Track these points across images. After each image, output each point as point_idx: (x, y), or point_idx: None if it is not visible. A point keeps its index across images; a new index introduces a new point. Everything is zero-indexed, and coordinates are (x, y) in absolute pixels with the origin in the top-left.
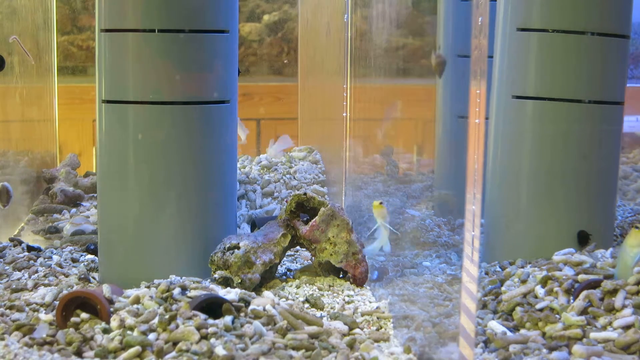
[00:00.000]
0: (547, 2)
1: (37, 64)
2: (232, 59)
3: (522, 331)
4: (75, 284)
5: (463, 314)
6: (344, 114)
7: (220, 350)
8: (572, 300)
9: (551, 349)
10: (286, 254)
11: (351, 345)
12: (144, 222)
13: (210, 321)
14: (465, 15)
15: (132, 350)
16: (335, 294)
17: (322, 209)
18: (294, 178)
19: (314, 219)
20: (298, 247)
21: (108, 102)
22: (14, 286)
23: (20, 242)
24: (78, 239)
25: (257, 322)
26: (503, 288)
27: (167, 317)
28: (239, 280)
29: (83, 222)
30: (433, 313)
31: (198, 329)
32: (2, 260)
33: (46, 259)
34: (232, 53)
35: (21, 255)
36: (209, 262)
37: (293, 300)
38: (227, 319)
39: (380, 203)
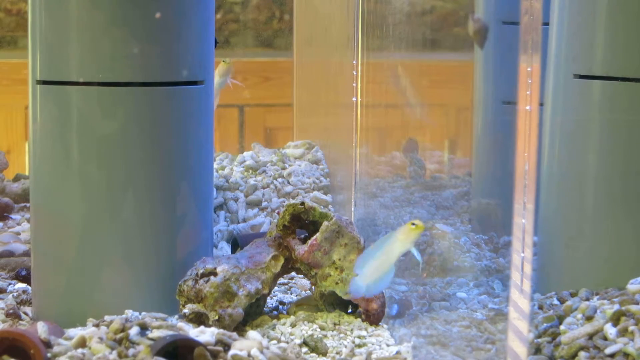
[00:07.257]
0: None
1: None
2: (208, 26)
3: None
4: (1, 322)
5: None
6: (354, 99)
7: None
8: None
9: None
10: (278, 282)
11: None
12: (92, 241)
13: None
14: None
15: None
16: (342, 335)
17: (325, 223)
18: (288, 182)
19: (314, 237)
20: (293, 274)
21: (45, 83)
22: None
23: None
24: (5, 263)
25: None
26: (562, 327)
27: None
28: (216, 317)
29: (12, 240)
30: None
31: None
32: None
33: None
34: (207, 19)
35: None
36: (177, 292)
37: (287, 342)
38: None
39: None
